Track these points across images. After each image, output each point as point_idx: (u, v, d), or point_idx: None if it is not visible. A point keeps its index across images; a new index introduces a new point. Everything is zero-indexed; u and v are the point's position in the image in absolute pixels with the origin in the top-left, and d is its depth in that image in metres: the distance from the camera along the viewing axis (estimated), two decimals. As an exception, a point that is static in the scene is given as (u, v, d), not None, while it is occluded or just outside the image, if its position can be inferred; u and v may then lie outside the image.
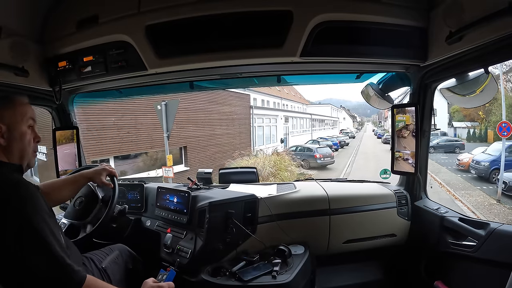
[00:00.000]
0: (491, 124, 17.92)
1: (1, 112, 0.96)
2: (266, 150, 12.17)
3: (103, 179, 1.35)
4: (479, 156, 10.51)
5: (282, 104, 24.15)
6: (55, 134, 1.94)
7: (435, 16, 1.30)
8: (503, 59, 1.24)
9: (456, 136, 19.27)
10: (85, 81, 1.61)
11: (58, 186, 1.29)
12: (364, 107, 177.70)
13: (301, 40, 1.29)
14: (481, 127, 19.04)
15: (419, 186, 1.86)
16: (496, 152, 9.91)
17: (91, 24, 1.41)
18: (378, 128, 53.40)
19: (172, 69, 1.48)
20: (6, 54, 1.34)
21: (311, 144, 16.98)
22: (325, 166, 14.25)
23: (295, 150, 14.47)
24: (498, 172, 9.11)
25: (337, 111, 48.49)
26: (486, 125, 18.66)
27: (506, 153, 8.91)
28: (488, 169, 9.69)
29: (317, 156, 14.14)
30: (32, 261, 0.82)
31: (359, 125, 68.79)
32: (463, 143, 16.70)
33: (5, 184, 0.87)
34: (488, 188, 8.99)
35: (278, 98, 23.27)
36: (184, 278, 1.46)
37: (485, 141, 17.79)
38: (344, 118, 52.84)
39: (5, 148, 0.95)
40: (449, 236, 1.57)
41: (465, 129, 20.43)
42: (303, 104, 32.78)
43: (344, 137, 27.76)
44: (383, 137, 28.36)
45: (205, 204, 1.56)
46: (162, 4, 1.31)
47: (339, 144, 22.61)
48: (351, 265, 1.93)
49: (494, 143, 11.39)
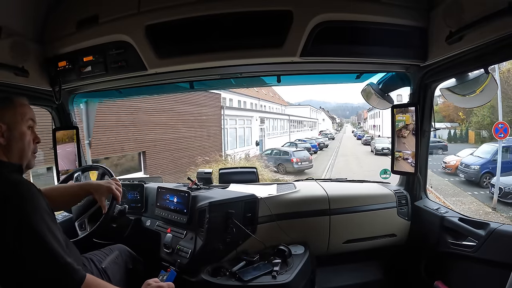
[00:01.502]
0: (472, 125, 18.00)
1: (1, 112, 0.96)
2: (240, 153, 11.48)
3: (103, 201, 1.27)
4: (468, 159, 10.03)
5: (260, 105, 23.54)
6: (55, 134, 1.94)
7: (435, 16, 1.30)
8: (503, 59, 1.24)
9: (436, 137, 19.22)
10: (85, 81, 1.61)
11: (59, 194, 1.25)
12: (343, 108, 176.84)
13: (301, 40, 1.29)
14: (461, 128, 19.03)
15: (419, 186, 1.85)
16: (485, 154, 9.52)
17: (91, 24, 1.41)
18: (357, 129, 53.66)
19: (172, 69, 1.48)
20: (6, 54, 1.34)
21: (287, 147, 16.12)
22: (303, 171, 13.27)
23: (270, 154, 13.96)
24: (489, 176, 8.80)
25: (316, 112, 47.93)
26: (467, 126, 18.68)
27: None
28: (479, 173, 9.19)
29: (293, 160, 13.27)
30: (31, 260, 0.82)
31: (339, 126, 68.77)
32: (446, 144, 16.40)
33: (4, 184, 0.88)
34: (479, 193, 8.52)
35: (255, 99, 22.54)
36: (184, 278, 1.46)
37: (466, 141, 17.82)
38: (324, 119, 52.37)
39: (5, 148, 0.95)
40: (449, 236, 1.57)
41: (445, 129, 20.26)
42: (282, 105, 32.22)
43: (323, 139, 26.85)
44: (363, 138, 28.25)
45: (205, 204, 1.56)
46: (162, 4, 1.31)
47: (318, 146, 21.86)
48: (351, 265, 1.93)
49: (483, 145, 11.04)
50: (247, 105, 20.81)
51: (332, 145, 26.32)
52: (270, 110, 25.63)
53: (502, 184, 7.37)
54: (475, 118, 17.35)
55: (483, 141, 15.89)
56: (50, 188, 1.26)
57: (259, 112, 19.74)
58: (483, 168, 9.14)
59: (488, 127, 16.69)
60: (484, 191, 8.62)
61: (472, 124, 17.99)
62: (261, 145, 17.77)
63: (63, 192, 1.28)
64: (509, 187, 7.32)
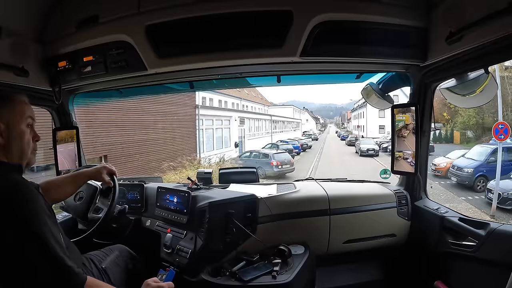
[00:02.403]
0: (458, 125, 17.93)
1: (0, 111, 0.94)
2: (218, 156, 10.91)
3: (104, 177, 1.36)
4: (460, 162, 9.37)
5: (242, 105, 22.28)
6: (55, 134, 1.94)
7: (435, 16, 1.30)
8: (503, 59, 1.24)
9: None
10: (85, 81, 1.61)
11: (58, 184, 1.29)
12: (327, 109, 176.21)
13: (301, 40, 1.29)
14: (446, 128, 18.94)
15: (419, 186, 1.85)
16: (478, 156, 8.99)
17: (91, 24, 1.41)
18: (341, 130, 52.58)
19: (172, 69, 1.48)
20: (6, 54, 1.34)
21: (268, 149, 14.80)
22: (284, 175, 12.04)
23: (249, 156, 12.91)
24: (483, 180, 8.22)
25: (300, 112, 46.32)
26: (452, 126, 18.60)
27: (493, 158, 8.10)
28: (472, 176, 8.51)
29: (273, 163, 12.04)
30: (31, 263, 0.82)
31: (322, 127, 67.81)
32: (433, 145, 15.43)
33: (4, 185, 0.87)
34: (474, 198, 7.91)
35: (237, 98, 21.33)
36: (184, 278, 1.46)
37: (452, 142, 17.55)
38: (307, 120, 50.81)
39: (4, 147, 0.94)
40: (449, 236, 1.57)
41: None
42: (264, 105, 30.75)
43: (307, 140, 25.40)
44: (347, 139, 27.02)
45: (205, 204, 1.56)
46: (162, 4, 1.31)
47: (301, 148, 20.47)
48: (351, 265, 1.93)
49: (476, 146, 10.48)
50: (229, 105, 19.68)
51: (316, 146, 24.97)
52: (252, 110, 24.59)
53: (500, 189, 6.74)
54: (460, 118, 17.23)
55: (468, 142, 15.82)
56: (47, 182, 1.27)
57: (238, 112, 18.37)
58: (477, 171, 8.54)
59: (473, 127, 16.61)
60: (479, 195, 8.02)
61: (457, 125, 17.91)
62: (241, 147, 16.74)
63: (59, 183, 1.29)
64: (507, 192, 6.67)
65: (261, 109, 28.60)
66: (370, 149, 16.96)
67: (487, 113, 16.17)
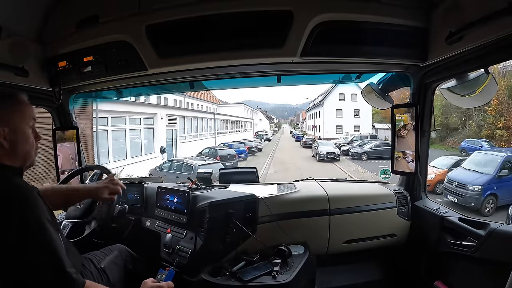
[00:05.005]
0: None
1: (3, 114, 0.91)
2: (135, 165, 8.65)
3: (105, 196, 1.25)
4: (460, 175, 6.89)
5: (186, 103, 20.23)
6: (55, 134, 1.94)
7: (435, 16, 1.30)
8: (503, 59, 1.24)
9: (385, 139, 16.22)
10: (85, 81, 1.61)
11: (57, 195, 1.23)
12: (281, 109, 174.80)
13: (301, 40, 1.30)
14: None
15: (419, 186, 1.86)
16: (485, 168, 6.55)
17: (91, 24, 1.41)
18: (296, 130, 51.93)
19: (172, 69, 1.49)
20: (6, 54, 1.34)
21: (193, 159, 10.84)
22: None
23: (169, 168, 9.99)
24: (493, 200, 6.05)
25: (253, 112, 44.24)
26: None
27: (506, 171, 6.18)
28: (480, 196, 6.15)
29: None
30: (31, 266, 0.82)
31: (276, 127, 67.43)
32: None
33: (7, 188, 0.86)
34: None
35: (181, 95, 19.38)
36: (184, 278, 1.46)
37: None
38: (261, 119, 49.39)
39: (8, 151, 0.92)
40: (449, 236, 1.57)
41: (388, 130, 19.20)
42: (213, 104, 28.87)
43: (256, 142, 22.26)
44: (303, 140, 24.64)
45: (205, 204, 1.56)
46: (162, 4, 1.31)
47: (248, 151, 17.65)
48: (351, 265, 1.93)
49: (475, 153, 7.92)
50: (169, 102, 17.33)
51: (267, 149, 22.20)
52: (199, 108, 22.52)
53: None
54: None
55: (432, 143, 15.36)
56: (51, 188, 1.25)
57: (166, 109, 14.95)
58: (487, 190, 6.18)
59: (439, 127, 15.58)
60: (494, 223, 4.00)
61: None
62: (172, 152, 13.76)
63: (62, 193, 1.25)
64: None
65: (209, 108, 26.24)
66: (330, 153, 15.14)
67: (454, 113, 15.75)
